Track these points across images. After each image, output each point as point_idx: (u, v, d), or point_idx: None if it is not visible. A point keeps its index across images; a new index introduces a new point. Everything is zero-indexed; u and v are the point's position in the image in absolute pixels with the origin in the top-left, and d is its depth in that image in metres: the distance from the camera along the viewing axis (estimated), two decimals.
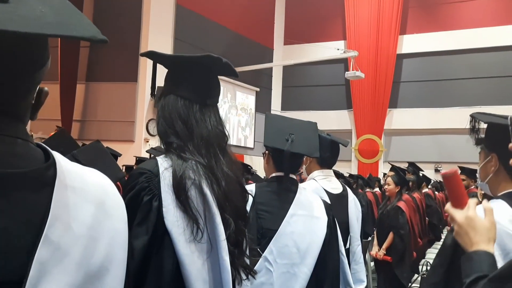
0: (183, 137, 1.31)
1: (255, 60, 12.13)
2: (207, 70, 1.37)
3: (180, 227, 1.19)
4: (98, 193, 0.81)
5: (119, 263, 0.80)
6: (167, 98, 1.37)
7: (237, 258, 1.29)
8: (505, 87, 11.11)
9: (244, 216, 1.36)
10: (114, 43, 9.29)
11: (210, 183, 1.26)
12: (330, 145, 2.65)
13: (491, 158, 1.56)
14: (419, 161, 8.96)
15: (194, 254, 1.20)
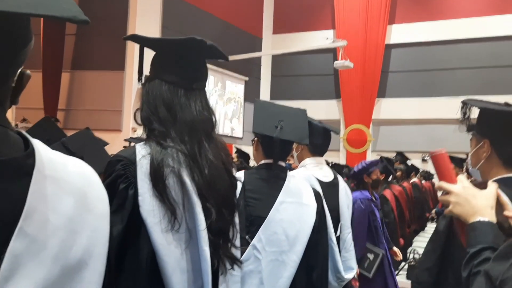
0: (166, 123, 1.26)
1: (244, 49, 12.05)
2: (192, 53, 1.32)
3: (156, 216, 1.15)
4: (80, 184, 0.78)
5: (99, 257, 0.78)
6: (151, 83, 1.32)
7: (221, 247, 1.25)
8: (493, 77, 11.19)
9: (231, 205, 1.31)
10: (100, 30, 9.15)
11: (191, 171, 1.21)
12: (322, 133, 2.64)
13: (483, 143, 1.55)
14: (407, 151, 9.01)
15: (171, 244, 1.16)
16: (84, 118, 9.26)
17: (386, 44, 12.64)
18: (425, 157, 12.28)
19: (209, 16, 11.30)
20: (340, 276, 2.41)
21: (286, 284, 1.82)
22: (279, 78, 14.05)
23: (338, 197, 2.65)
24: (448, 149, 5.50)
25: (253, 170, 2.08)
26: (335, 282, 2.40)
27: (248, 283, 1.82)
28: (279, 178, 1.98)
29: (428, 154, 6.35)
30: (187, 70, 1.32)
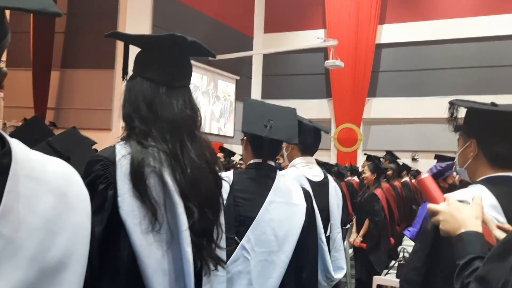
0: (147, 122, 1.23)
1: (235, 48, 12.03)
2: (174, 50, 1.29)
3: (136, 217, 1.12)
4: (60, 184, 0.76)
5: (79, 258, 0.76)
6: (133, 81, 1.30)
7: (204, 248, 1.23)
8: (482, 77, 11.29)
9: (214, 205, 1.28)
10: (90, 29, 9.09)
11: (173, 170, 1.18)
12: (313, 132, 2.63)
13: (470, 143, 1.56)
14: (397, 150, 9.06)
15: (152, 245, 1.13)
16: (74, 117, 9.20)
17: (376, 44, 12.70)
18: (415, 156, 12.36)
19: (200, 15, 11.26)
20: (329, 276, 2.40)
21: (275, 285, 1.81)
22: (270, 77, 14.06)
23: (328, 196, 2.64)
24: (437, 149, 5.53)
25: (242, 170, 2.06)
26: (325, 282, 2.40)
27: (237, 284, 1.80)
28: (269, 177, 1.96)
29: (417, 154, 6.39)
30: (169, 67, 1.29)
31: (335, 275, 2.46)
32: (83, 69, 9.42)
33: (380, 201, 5.19)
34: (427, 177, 1.30)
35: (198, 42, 1.32)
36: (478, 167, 1.55)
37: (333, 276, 2.43)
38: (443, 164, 3.75)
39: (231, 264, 1.80)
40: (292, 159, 2.67)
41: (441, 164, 3.72)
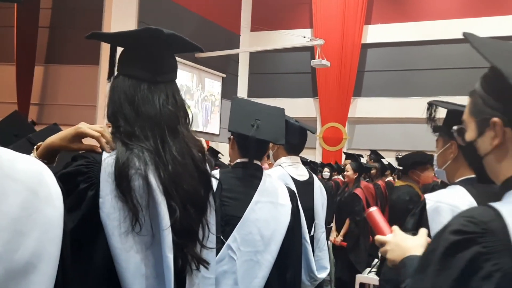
0: (131, 121, 1.21)
1: (222, 46, 11.98)
2: (152, 44, 1.26)
3: (116, 219, 1.09)
4: (31, 182, 0.74)
5: (49, 259, 0.74)
6: (116, 80, 1.28)
7: (187, 247, 1.20)
8: (466, 78, 11.40)
9: (199, 203, 1.25)
10: (75, 24, 8.96)
11: (156, 168, 1.16)
12: (299, 132, 2.63)
13: (451, 145, 1.59)
14: (381, 149, 9.14)
15: (131, 248, 1.11)
16: (58, 113, 9.07)
17: (362, 44, 12.78)
18: (399, 155, 12.49)
19: (187, 12, 11.20)
20: (313, 276, 2.41)
21: (260, 284, 1.81)
22: (257, 75, 14.05)
23: (313, 196, 2.65)
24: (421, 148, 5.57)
25: (228, 169, 2.06)
26: (308, 282, 2.40)
27: (223, 284, 1.79)
28: (255, 177, 1.96)
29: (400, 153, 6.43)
30: (149, 62, 1.26)
31: (318, 274, 2.46)
32: (68, 64, 9.28)
33: (362, 201, 5.23)
34: (375, 210, 1.31)
35: (178, 35, 1.28)
36: (458, 168, 1.58)
37: (317, 276, 2.44)
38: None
39: (216, 263, 1.79)
40: (277, 158, 2.67)
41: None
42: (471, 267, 0.78)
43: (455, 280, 0.78)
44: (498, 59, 0.88)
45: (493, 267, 0.76)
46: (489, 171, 0.96)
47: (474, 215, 0.82)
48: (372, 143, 11.30)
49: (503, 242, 0.77)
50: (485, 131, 0.92)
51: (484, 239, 0.78)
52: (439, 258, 0.81)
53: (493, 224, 0.79)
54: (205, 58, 11.52)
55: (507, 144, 0.89)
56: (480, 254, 0.77)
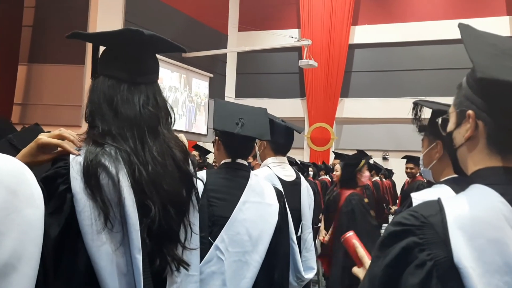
0: (108, 121, 1.20)
1: (209, 46, 11.96)
2: (133, 45, 1.26)
3: (88, 217, 1.09)
4: (10, 182, 0.73)
5: (30, 260, 0.72)
6: (96, 80, 1.27)
7: (165, 247, 1.19)
8: (451, 79, 11.54)
9: (179, 203, 1.24)
10: (60, 23, 8.85)
11: (131, 168, 1.15)
12: (285, 131, 2.62)
13: (436, 144, 1.60)
14: (368, 149, 9.19)
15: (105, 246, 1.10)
16: (42, 113, 8.95)
17: (349, 44, 12.87)
18: (386, 155, 12.60)
19: (174, 11, 11.14)
20: (300, 276, 2.39)
21: (248, 285, 1.80)
22: (245, 75, 14.06)
23: (300, 196, 2.63)
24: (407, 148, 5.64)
25: (215, 170, 2.05)
26: (295, 282, 2.39)
27: (211, 284, 1.78)
28: (242, 177, 1.96)
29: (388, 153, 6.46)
30: (129, 63, 1.26)
31: (305, 275, 2.45)
32: (52, 64, 9.17)
33: None
34: (351, 235, 1.30)
35: (159, 36, 1.29)
36: (444, 168, 1.59)
37: (304, 276, 2.42)
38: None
39: (204, 264, 1.78)
40: (264, 158, 2.66)
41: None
42: (405, 255, 0.82)
43: (388, 266, 0.83)
44: (476, 53, 0.89)
45: (427, 256, 0.81)
46: (461, 163, 0.98)
47: (418, 209, 0.86)
48: (359, 143, 11.38)
49: (440, 235, 0.81)
50: (461, 123, 0.94)
51: (421, 231, 0.83)
52: (378, 246, 0.87)
53: (433, 218, 0.84)
54: (193, 58, 11.48)
55: (478, 137, 0.90)
56: (415, 244, 0.82)
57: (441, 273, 0.79)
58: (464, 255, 0.78)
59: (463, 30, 0.95)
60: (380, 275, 0.84)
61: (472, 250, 0.79)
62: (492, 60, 0.86)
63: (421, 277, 0.80)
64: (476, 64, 0.86)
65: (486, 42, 0.93)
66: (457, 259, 0.78)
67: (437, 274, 0.79)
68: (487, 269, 0.78)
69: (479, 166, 0.91)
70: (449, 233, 0.81)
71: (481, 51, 0.89)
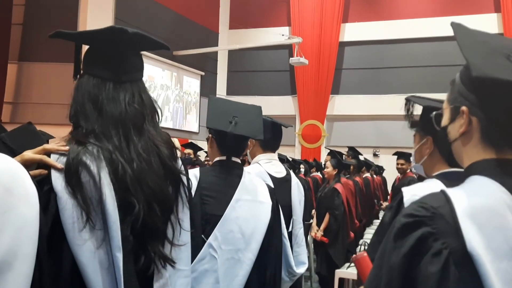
0: (92, 120, 1.21)
1: (200, 44, 11.92)
2: (117, 43, 1.26)
3: (70, 216, 1.10)
4: (4, 180, 0.74)
5: (26, 258, 0.73)
6: (81, 79, 1.28)
7: (151, 245, 1.20)
8: (439, 76, 11.65)
9: (165, 201, 1.24)
10: (50, 21, 8.76)
11: (113, 166, 1.16)
12: (271, 127, 2.62)
13: (427, 140, 1.63)
14: (359, 146, 9.25)
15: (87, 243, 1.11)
16: (32, 111, 8.88)
17: (339, 42, 12.89)
18: (377, 151, 12.68)
19: (164, 9, 11.08)
20: (292, 271, 2.41)
21: (241, 283, 1.81)
22: (236, 73, 14.03)
23: (290, 192, 2.65)
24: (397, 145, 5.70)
25: (208, 168, 2.05)
26: (287, 277, 2.41)
27: (204, 283, 1.78)
28: (235, 175, 1.97)
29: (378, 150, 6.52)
30: (114, 62, 1.26)
31: (297, 270, 2.49)
32: (42, 62, 9.08)
33: (341, 195, 5.28)
34: (364, 257, 1.31)
35: (144, 34, 1.29)
36: (435, 164, 1.62)
37: (295, 271, 2.45)
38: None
39: (197, 262, 1.79)
40: (254, 155, 2.68)
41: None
42: (421, 245, 0.86)
43: (406, 256, 0.86)
44: (469, 50, 0.92)
45: (442, 245, 0.84)
46: (456, 157, 1.02)
47: (426, 201, 0.90)
48: (350, 140, 11.43)
49: (451, 224, 0.85)
50: (455, 118, 0.98)
51: (433, 222, 0.86)
52: (392, 238, 0.90)
53: (443, 209, 0.87)
54: (184, 56, 11.44)
55: (472, 132, 0.94)
56: (429, 234, 0.85)
57: (456, 261, 0.83)
58: (476, 243, 0.82)
59: (456, 29, 0.98)
60: (398, 264, 0.87)
61: (482, 238, 0.83)
62: (485, 58, 0.90)
63: (440, 265, 0.83)
64: (471, 63, 0.89)
65: (478, 40, 0.96)
66: (470, 247, 0.82)
67: (453, 261, 0.83)
68: (496, 255, 0.82)
69: (474, 159, 0.95)
70: (460, 222, 0.84)
71: (474, 50, 0.92)
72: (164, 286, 1.24)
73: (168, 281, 1.25)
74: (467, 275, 0.82)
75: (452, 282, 0.82)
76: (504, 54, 0.91)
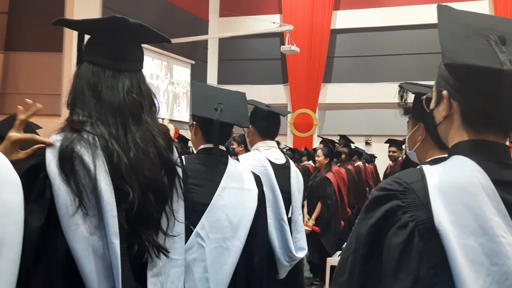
0: (89, 107, 1.22)
1: (190, 32, 11.80)
2: (117, 33, 1.28)
3: (64, 202, 1.10)
4: None
5: (12, 244, 0.73)
6: (81, 67, 1.29)
7: (145, 234, 1.20)
8: (430, 63, 11.66)
9: (160, 190, 1.25)
10: (36, 9, 8.62)
11: (109, 154, 1.17)
12: (268, 116, 2.66)
13: (419, 127, 1.62)
14: (351, 134, 9.26)
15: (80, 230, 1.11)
16: (20, 102, 8.70)
17: (331, 29, 12.84)
18: (369, 140, 12.72)
19: None
20: (291, 255, 2.46)
21: (230, 271, 1.81)
22: (226, 62, 13.95)
23: (289, 179, 2.69)
24: (389, 133, 5.71)
25: (192, 156, 2.04)
26: (287, 262, 2.47)
27: (192, 272, 1.79)
28: (220, 162, 1.95)
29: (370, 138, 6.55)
30: (114, 50, 1.28)
31: (296, 254, 2.53)
32: (29, 52, 8.95)
33: (333, 185, 5.31)
34: None
35: (144, 25, 1.31)
36: (428, 150, 1.62)
37: (295, 255, 2.50)
38: None
39: (186, 252, 1.77)
40: (253, 143, 2.72)
41: None
42: (389, 217, 0.90)
43: (373, 226, 0.91)
44: (446, 36, 0.93)
45: (409, 218, 0.88)
46: (443, 139, 1.06)
47: (401, 176, 0.94)
48: (342, 129, 11.43)
49: (421, 199, 0.89)
50: (440, 102, 1.01)
51: (404, 196, 0.90)
52: (364, 209, 0.94)
53: (416, 184, 0.91)
54: (174, 45, 11.32)
55: (453, 116, 0.98)
56: (398, 207, 0.90)
57: (422, 233, 0.86)
58: (443, 218, 0.85)
59: (440, 12, 0.99)
60: (365, 234, 0.91)
61: (451, 214, 0.86)
62: (461, 43, 0.92)
63: (404, 236, 0.87)
64: (443, 48, 0.91)
65: (460, 23, 0.97)
66: (437, 222, 0.85)
67: (418, 234, 0.86)
68: (464, 231, 0.85)
69: (456, 140, 0.98)
70: (430, 198, 0.88)
71: (452, 35, 0.95)
72: (157, 275, 1.25)
73: (161, 270, 1.26)
74: (431, 249, 0.85)
75: (414, 254, 0.85)
76: (484, 37, 0.92)
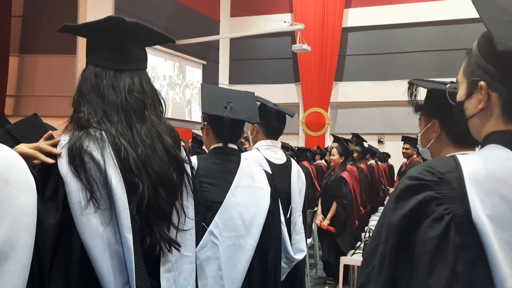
0: (94, 106, 1.25)
1: (201, 32, 11.85)
2: (116, 33, 1.30)
3: (76, 198, 1.11)
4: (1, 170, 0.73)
5: (23, 248, 0.72)
6: (85, 70, 1.32)
7: (157, 227, 1.22)
8: (445, 60, 11.54)
9: (170, 185, 1.26)
10: (50, 12, 8.73)
11: (116, 149, 1.18)
12: (276, 115, 2.64)
13: (433, 124, 1.59)
14: (364, 133, 9.20)
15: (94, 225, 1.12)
16: (35, 104, 8.89)
17: (342, 28, 12.77)
18: (381, 138, 12.62)
19: None
20: (289, 257, 2.41)
21: (244, 269, 1.81)
22: (238, 62, 13.97)
23: (290, 179, 2.64)
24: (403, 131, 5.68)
25: (205, 155, 2.05)
26: (284, 264, 2.42)
27: (206, 270, 1.80)
28: (233, 161, 1.96)
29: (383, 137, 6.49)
30: (114, 51, 1.30)
31: (295, 256, 2.49)
32: (43, 54, 9.08)
33: (349, 184, 5.26)
34: None
35: (143, 25, 1.33)
36: (442, 147, 1.58)
37: (293, 257, 2.45)
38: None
39: (199, 250, 1.79)
40: (256, 142, 2.68)
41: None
42: (422, 208, 0.85)
43: (405, 216, 0.86)
44: (492, 22, 0.87)
45: (445, 211, 0.84)
46: (473, 133, 0.98)
47: (434, 165, 0.88)
48: (354, 127, 11.37)
49: (457, 191, 0.84)
50: (473, 93, 0.93)
51: (439, 187, 0.85)
52: (394, 199, 0.89)
53: (450, 175, 0.86)
54: (185, 45, 11.39)
55: (492, 108, 0.90)
56: (433, 198, 0.85)
57: (458, 227, 0.82)
58: (482, 211, 0.81)
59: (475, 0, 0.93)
60: (396, 224, 0.86)
61: (488, 207, 0.82)
62: (509, 29, 0.86)
63: (440, 230, 0.82)
64: (495, 35, 0.84)
65: (498, 7, 0.91)
66: (475, 215, 0.81)
67: (455, 228, 0.82)
68: (501, 225, 0.81)
69: (491, 130, 0.92)
70: (467, 189, 0.83)
71: (497, 19, 0.88)
72: (170, 270, 1.26)
73: (174, 266, 1.27)
74: (468, 243, 0.81)
75: (451, 248, 0.81)
76: None
